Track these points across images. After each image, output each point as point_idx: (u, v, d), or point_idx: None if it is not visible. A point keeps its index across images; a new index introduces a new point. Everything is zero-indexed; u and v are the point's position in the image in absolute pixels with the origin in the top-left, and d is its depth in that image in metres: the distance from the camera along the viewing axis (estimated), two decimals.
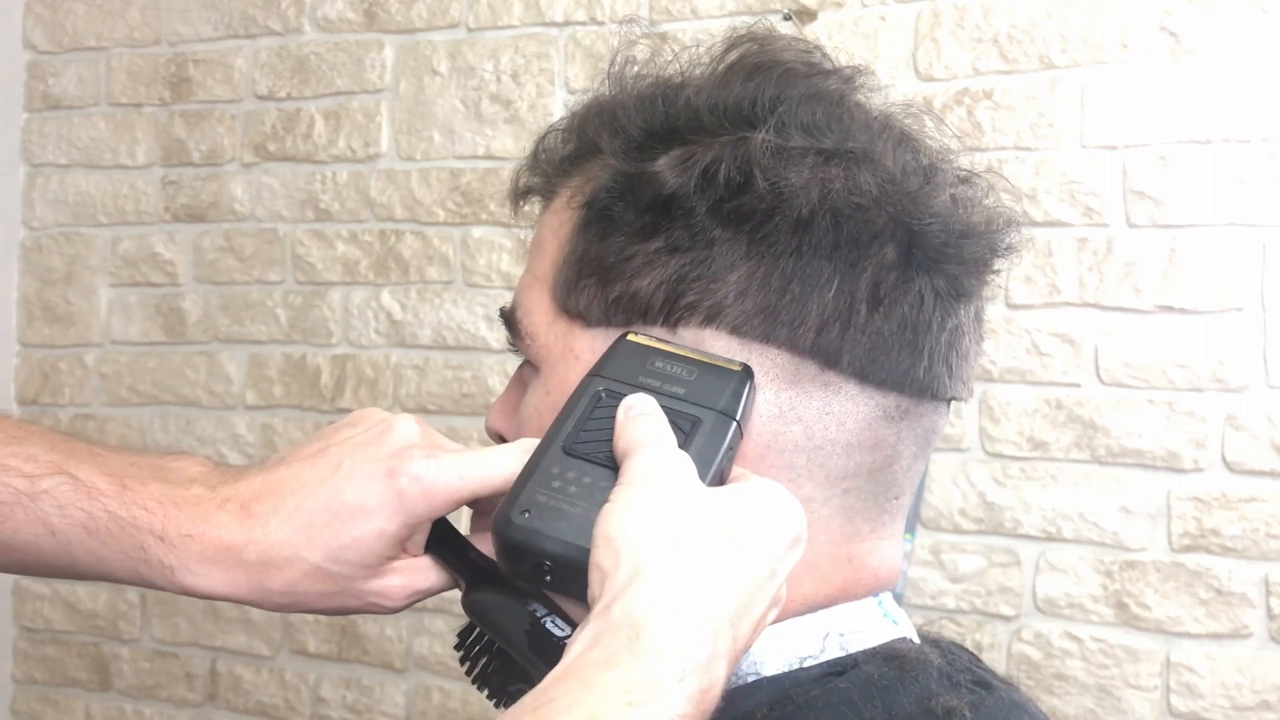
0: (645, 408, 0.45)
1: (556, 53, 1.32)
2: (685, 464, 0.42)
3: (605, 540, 0.39)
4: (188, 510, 0.45)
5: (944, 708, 0.47)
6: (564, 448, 0.45)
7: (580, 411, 0.46)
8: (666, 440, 0.43)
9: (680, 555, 0.38)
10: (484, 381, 1.34)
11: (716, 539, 0.40)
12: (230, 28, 1.45)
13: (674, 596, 0.37)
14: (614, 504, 0.40)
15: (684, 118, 0.50)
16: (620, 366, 0.47)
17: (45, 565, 0.47)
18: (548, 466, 0.44)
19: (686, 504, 0.40)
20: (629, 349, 0.47)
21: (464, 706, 1.34)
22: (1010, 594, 1.17)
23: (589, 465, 0.44)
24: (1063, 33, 1.16)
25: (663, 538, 0.38)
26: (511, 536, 0.43)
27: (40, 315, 1.53)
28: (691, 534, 0.39)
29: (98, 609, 1.50)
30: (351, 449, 0.47)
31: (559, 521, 0.42)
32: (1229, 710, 1.10)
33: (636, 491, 0.40)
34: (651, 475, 0.41)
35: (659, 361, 0.47)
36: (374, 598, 0.47)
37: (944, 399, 0.52)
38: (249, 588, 0.45)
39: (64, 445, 0.48)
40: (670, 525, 0.39)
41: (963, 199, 0.50)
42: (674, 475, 0.41)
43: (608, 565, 0.38)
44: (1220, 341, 1.11)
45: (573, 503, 0.43)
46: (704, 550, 0.39)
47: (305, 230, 1.42)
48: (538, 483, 0.44)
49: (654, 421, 0.44)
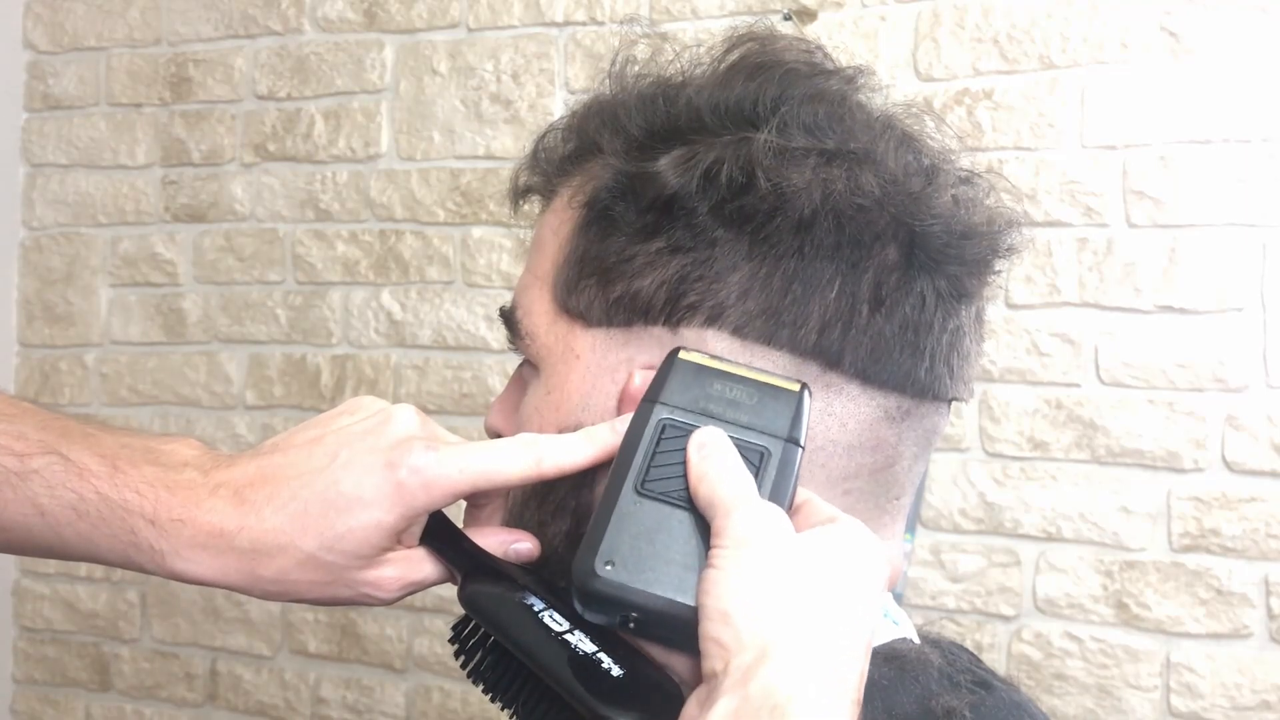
0: (718, 446, 0.44)
1: (556, 53, 1.32)
2: (780, 520, 0.41)
3: (721, 615, 0.38)
4: (180, 494, 0.45)
5: (944, 708, 0.47)
6: (636, 488, 0.43)
7: (646, 445, 0.44)
8: (751, 491, 0.42)
9: (807, 630, 0.38)
10: (484, 381, 1.34)
11: (833, 604, 0.39)
12: (230, 28, 1.45)
13: (813, 674, 0.37)
14: (721, 573, 0.39)
15: (685, 117, 0.50)
16: (680, 392, 0.45)
17: (33, 545, 0.46)
18: (624, 510, 0.43)
19: (795, 567, 0.39)
20: (685, 369, 0.46)
21: (464, 706, 1.33)
22: (1010, 594, 1.17)
23: (666, 508, 0.43)
24: (1063, 33, 1.16)
25: (786, 612, 0.38)
26: (598, 589, 0.41)
27: (40, 315, 1.53)
28: (811, 603, 0.39)
29: (98, 609, 1.50)
30: (350, 438, 0.46)
31: (646, 573, 0.41)
32: (1229, 710, 1.10)
33: (742, 559, 0.39)
34: (753, 539, 0.40)
35: (717, 384, 0.46)
36: (367, 588, 0.47)
37: (945, 399, 0.52)
38: (239, 574, 0.45)
39: (55, 424, 0.47)
40: (787, 596, 0.38)
41: (964, 199, 0.50)
42: (775, 535, 0.40)
43: (730, 642, 0.38)
44: (1220, 341, 1.11)
45: (658, 553, 0.42)
46: (826, 620, 0.38)
47: (305, 230, 1.42)
48: (617, 529, 0.42)
49: (732, 464, 0.43)
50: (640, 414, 0.46)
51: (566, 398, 0.50)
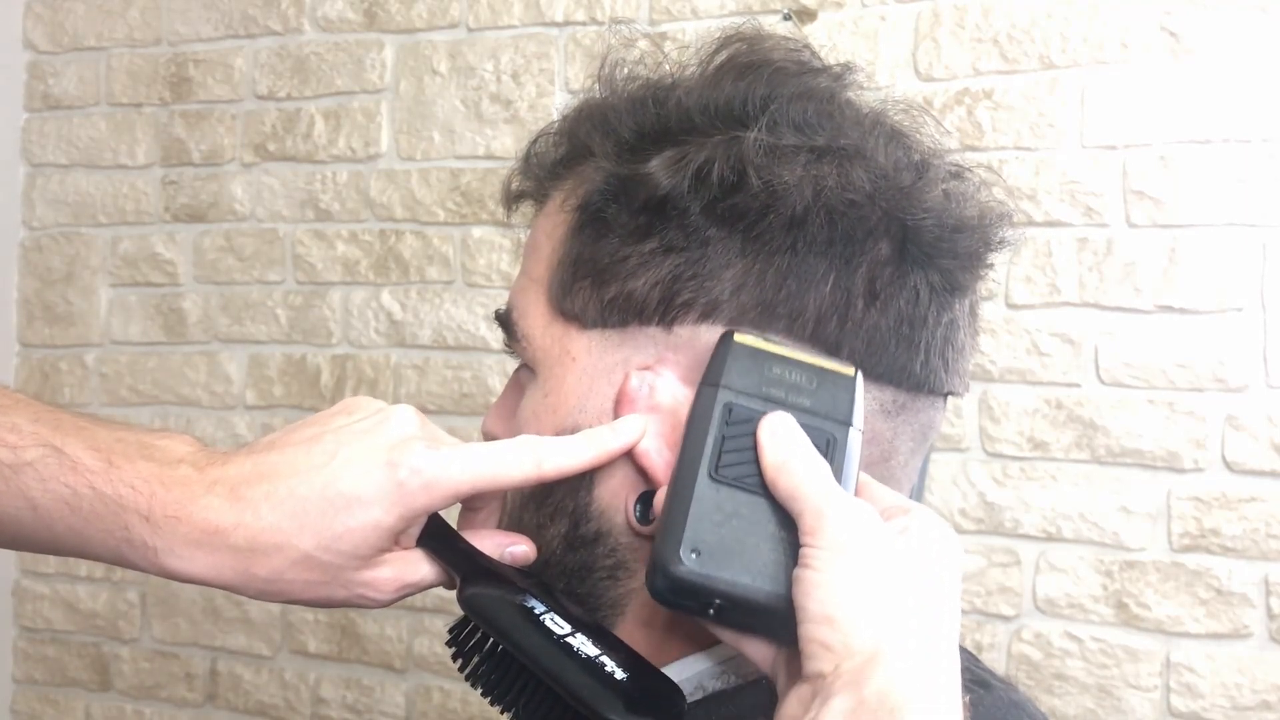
0: (789, 432, 0.44)
1: (556, 53, 1.32)
2: (872, 519, 0.41)
3: (826, 620, 0.39)
4: (175, 491, 0.44)
5: None
6: (710, 474, 0.43)
7: (716, 430, 0.44)
8: (835, 486, 0.42)
9: (914, 632, 0.38)
10: (484, 381, 1.34)
11: (933, 603, 0.40)
12: (230, 28, 1.45)
13: (924, 678, 0.37)
14: (821, 574, 0.40)
15: (676, 118, 0.50)
16: (740, 375, 0.45)
17: (25, 540, 0.46)
18: (702, 497, 0.43)
19: (894, 569, 0.40)
20: (742, 352, 0.46)
21: (464, 706, 1.33)
22: (1010, 594, 1.16)
23: (743, 494, 0.43)
24: (1063, 33, 1.15)
25: (890, 615, 0.38)
26: (685, 578, 0.41)
27: (40, 315, 1.53)
28: (913, 604, 0.39)
29: (98, 609, 1.50)
30: (349, 437, 0.46)
31: (730, 560, 0.41)
32: (1229, 710, 1.10)
33: (841, 562, 0.40)
34: (850, 541, 0.40)
35: (776, 368, 0.45)
36: (363, 589, 0.46)
37: (941, 393, 0.52)
38: (234, 573, 0.44)
39: (49, 417, 0.46)
40: (891, 599, 0.39)
41: (955, 194, 0.50)
42: (870, 536, 0.40)
43: (838, 646, 0.38)
44: (1220, 341, 1.10)
45: (740, 540, 0.42)
46: (928, 621, 0.39)
47: (305, 230, 1.42)
48: (699, 517, 0.42)
49: (810, 455, 0.43)
50: (703, 398, 0.45)
51: (563, 400, 0.50)
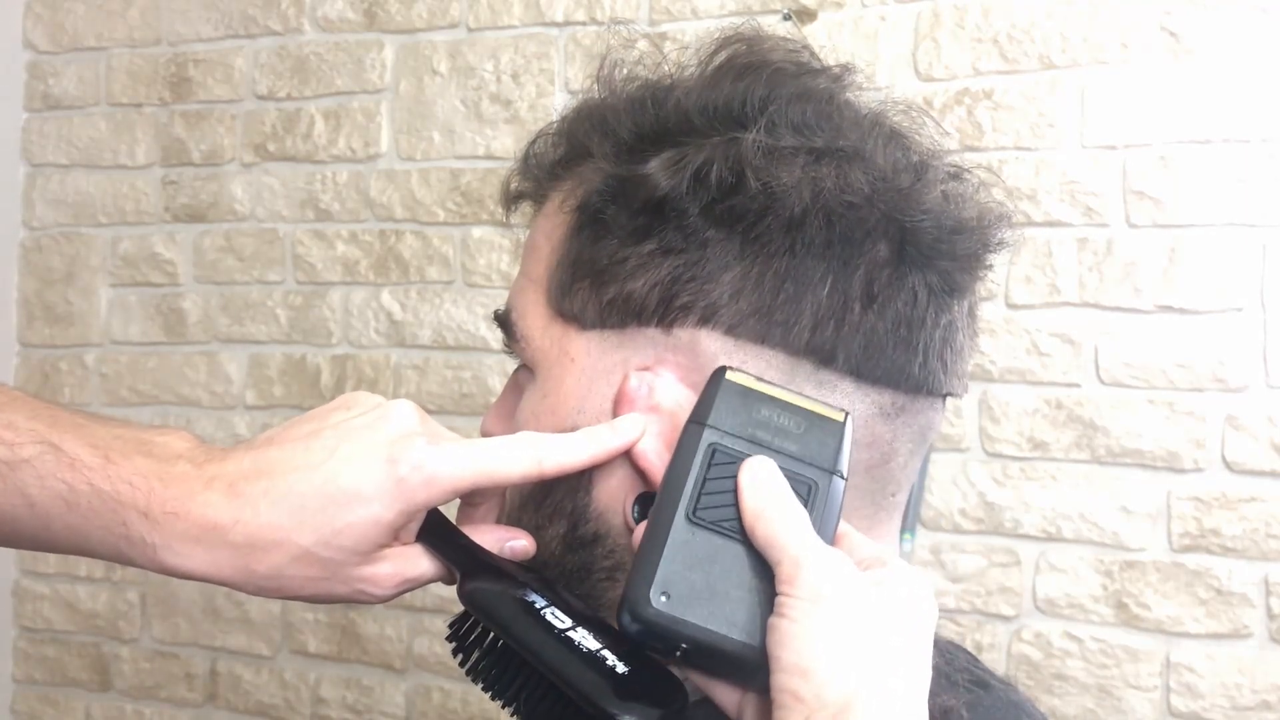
0: (774, 481, 0.44)
1: (556, 53, 1.32)
2: (848, 570, 0.41)
3: (799, 672, 0.39)
4: (173, 487, 0.44)
5: (941, 708, 0.47)
6: (688, 516, 0.43)
7: (697, 471, 0.44)
8: (813, 536, 0.42)
9: (884, 687, 0.39)
10: (484, 381, 1.34)
11: (903, 657, 0.40)
12: (230, 28, 1.45)
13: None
14: (796, 625, 0.40)
15: (674, 119, 0.50)
16: (728, 415, 0.45)
17: (22, 537, 0.46)
18: (677, 539, 0.42)
19: (868, 622, 0.40)
20: (732, 391, 0.45)
21: (464, 706, 1.33)
22: (1010, 594, 1.16)
23: (719, 539, 0.43)
24: (1063, 33, 1.15)
25: (862, 668, 0.39)
26: (653, 620, 0.41)
27: (40, 315, 1.53)
28: (884, 659, 0.39)
29: (98, 609, 1.50)
30: (349, 433, 0.46)
31: (700, 606, 0.41)
32: (1229, 710, 1.10)
33: (817, 613, 0.40)
34: (826, 593, 0.40)
35: (765, 409, 0.45)
36: (363, 585, 0.46)
37: (940, 395, 0.52)
38: (233, 569, 0.44)
39: (47, 414, 0.46)
40: (864, 652, 0.39)
41: (954, 195, 0.50)
42: (846, 588, 0.41)
43: (810, 698, 0.38)
44: (1220, 341, 1.10)
45: (712, 585, 0.42)
46: (899, 675, 0.39)
47: (305, 230, 1.42)
48: (672, 559, 0.42)
49: (790, 503, 0.43)
50: (688, 436, 0.45)
51: (562, 400, 0.50)
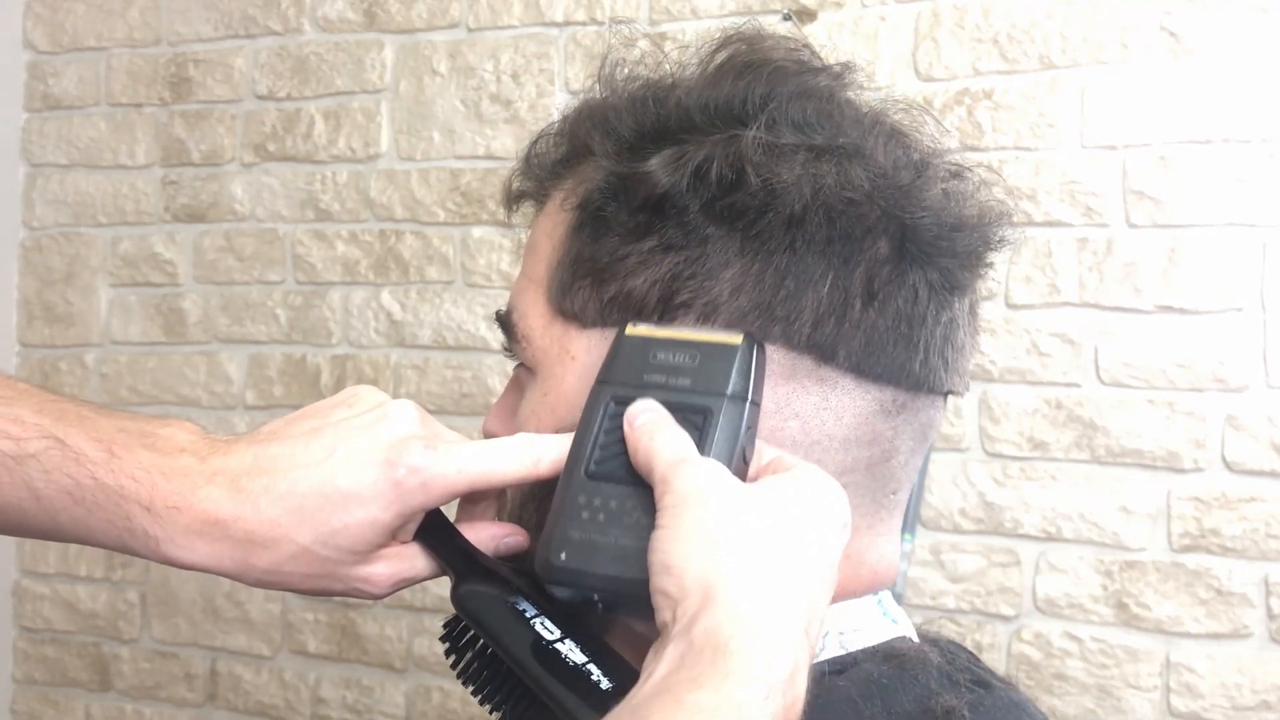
0: (650, 414, 0.44)
1: (556, 53, 1.32)
2: (718, 472, 0.42)
3: (664, 569, 0.39)
4: (176, 481, 0.45)
5: (943, 707, 0.47)
6: (587, 472, 0.44)
7: (595, 428, 0.45)
8: (689, 450, 0.42)
9: (747, 571, 0.38)
10: (484, 381, 1.34)
11: (776, 545, 0.40)
12: (230, 28, 1.45)
13: (751, 615, 0.37)
14: (664, 530, 0.40)
15: (675, 118, 0.50)
16: (623, 368, 0.46)
17: (26, 528, 0.47)
18: (574, 497, 0.43)
19: (736, 514, 0.40)
20: (629, 345, 0.46)
21: (464, 706, 1.33)
22: (1010, 594, 1.16)
23: (615, 486, 0.43)
24: (1063, 33, 1.15)
25: (725, 556, 0.39)
26: (556, 580, 0.42)
27: (40, 315, 1.53)
28: (751, 545, 0.39)
29: (98, 609, 1.50)
30: (348, 432, 0.46)
31: (597, 555, 0.42)
32: (1229, 710, 1.10)
33: (683, 513, 0.40)
34: (690, 494, 0.40)
35: (660, 353, 0.46)
36: (359, 583, 0.47)
37: (940, 393, 0.52)
38: (233, 563, 0.45)
39: (52, 407, 0.47)
40: (728, 541, 0.39)
41: (954, 193, 0.50)
42: (713, 488, 0.41)
43: (674, 591, 0.39)
44: (1220, 341, 1.11)
45: (605, 531, 0.42)
46: (768, 560, 0.39)
47: (305, 230, 1.42)
48: (568, 518, 0.43)
49: (667, 430, 0.43)
50: (592, 396, 0.46)
51: (563, 399, 0.50)
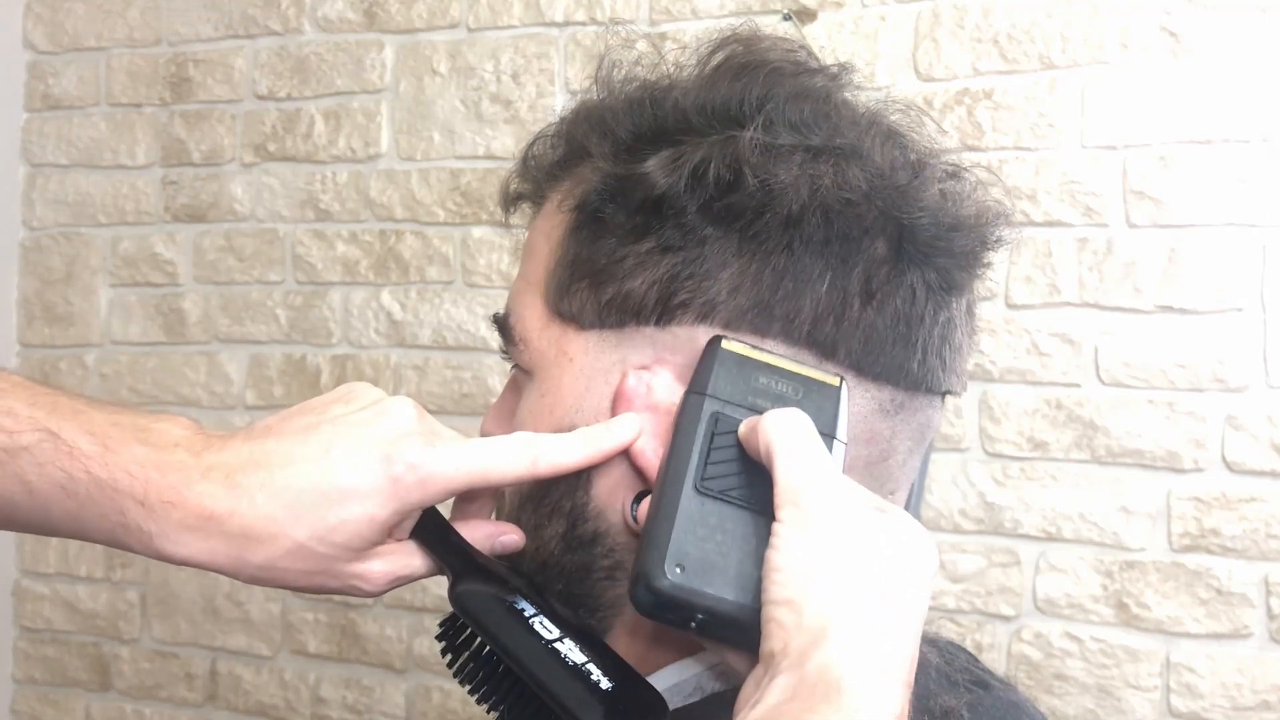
0: (795, 422, 0.43)
1: (556, 53, 1.32)
2: (848, 496, 0.41)
3: (784, 600, 0.39)
4: (171, 476, 0.45)
5: (942, 708, 0.47)
6: (696, 486, 0.43)
7: (701, 441, 0.44)
8: (820, 468, 0.42)
9: (865, 610, 0.38)
10: (484, 381, 1.34)
11: (889, 587, 0.39)
12: (230, 28, 1.45)
13: (867, 654, 0.37)
14: (782, 555, 0.39)
15: (672, 119, 0.50)
16: (727, 384, 0.45)
17: (19, 522, 0.46)
18: (687, 511, 0.42)
19: (860, 549, 0.39)
20: (729, 360, 0.45)
21: (464, 706, 1.33)
22: (1010, 594, 1.16)
23: (728, 508, 0.43)
24: (1063, 33, 1.15)
25: (846, 593, 0.38)
26: (668, 593, 0.41)
27: (40, 315, 1.53)
28: (868, 585, 0.39)
29: (98, 609, 1.50)
30: (346, 428, 0.46)
31: (713, 575, 0.41)
32: (1229, 710, 1.09)
33: (807, 538, 0.39)
34: (816, 518, 0.40)
35: (763, 377, 0.45)
36: (355, 580, 0.47)
37: (938, 392, 0.52)
38: (227, 558, 0.45)
39: (46, 400, 0.47)
40: (850, 577, 0.38)
41: (951, 193, 0.50)
42: (840, 514, 0.40)
43: (790, 623, 0.38)
44: (1220, 341, 1.10)
45: (722, 553, 0.42)
46: (884, 602, 0.38)
47: (305, 230, 1.42)
48: (683, 531, 0.42)
49: (809, 438, 0.42)
50: (689, 407, 0.45)
51: (560, 400, 0.50)
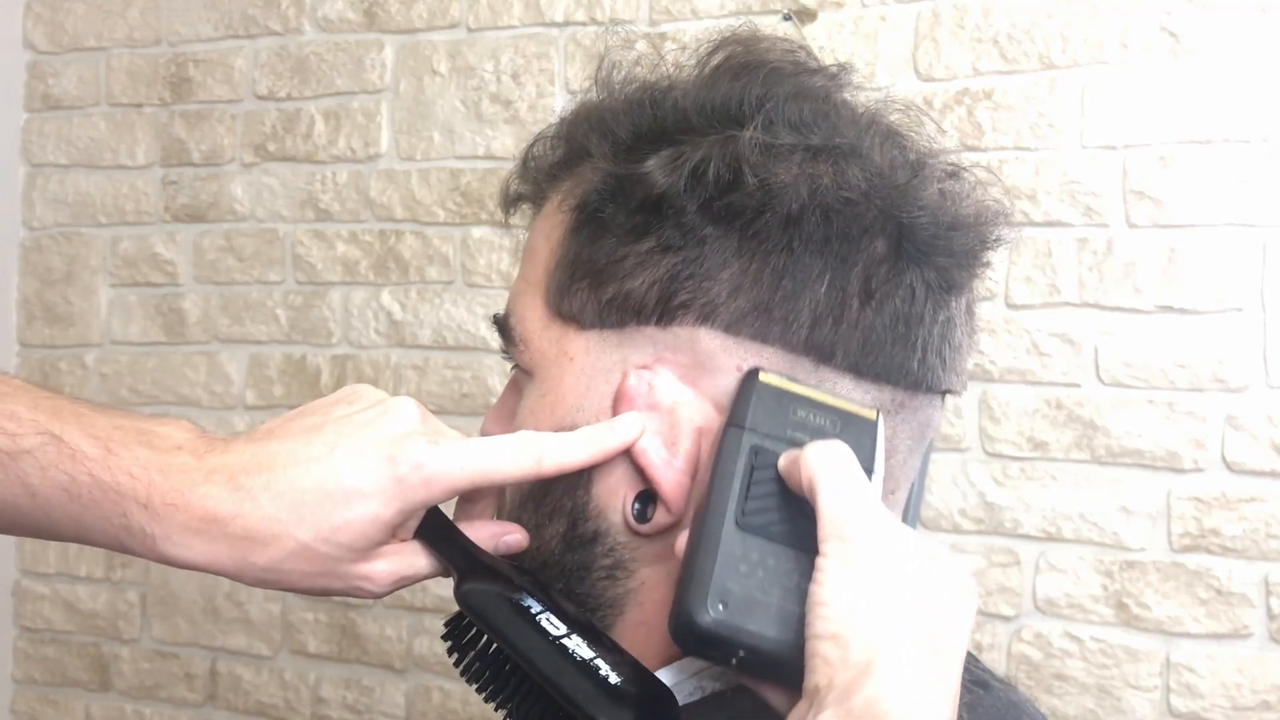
0: (838, 455, 0.43)
1: (556, 53, 1.32)
2: (890, 530, 0.40)
3: (830, 635, 0.38)
4: (173, 478, 0.44)
5: None
6: (737, 521, 0.43)
7: (741, 475, 0.44)
8: (869, 494, 0.41)
9: (910, 643, 0.38)
10: (484, 381, 1.34)
11: (934, 622, 0.39)
12: (230, 28, 1.45)
13: (913, 690, 0.37)
14: (826, 590, 0.39)
15: (672, 119, 0.50)
16: (765, 417, 0.45)
17: (22, 526, 0.46)
18: (729, 547, 0.42)
19: (901, 584, 0.39)
20: (767, 393, 0.45)
21: (464, 706, 1.33)
22: (1010, 594, 1.16)
23: (769, 544, 0.43)
24: (1063, 33, 1.15)
25: (893, 626, 0.38)
26: (712, 630, 0.41)
27: (40, 315, 1.53)
28: (914, 617, 0.38)
29: (98, 609, 1.50)
30: (350, 428, 0.46)
31: (756, 612, 0.41)
32: (1229, 710, 1.09)
33: (852, 570, 0.39)
34: (862, 553, 0.40)
35: (801, 410, 0.45)
36: (359, 581, 0.47)
37: (938, 392, 0.52)
38: (231, 561, 0.45)
39: (48, 404, 0.47)
40: (893, 607, 0.38)
41: (951, 192, 0.50)
42: (883, 549, 0.40)
43: (836, 658, 0.38)
44: (1220, 341, 1.10)
45: (764, 590, 0.42)
46: (929, 637, 0.38)
47: (305, 230, 1.42)
48: (725, 567, 0.42)
49: (852, 469, 0.42)
50: (729, 440, 0.45)
51: (561, 400, 0.50)
